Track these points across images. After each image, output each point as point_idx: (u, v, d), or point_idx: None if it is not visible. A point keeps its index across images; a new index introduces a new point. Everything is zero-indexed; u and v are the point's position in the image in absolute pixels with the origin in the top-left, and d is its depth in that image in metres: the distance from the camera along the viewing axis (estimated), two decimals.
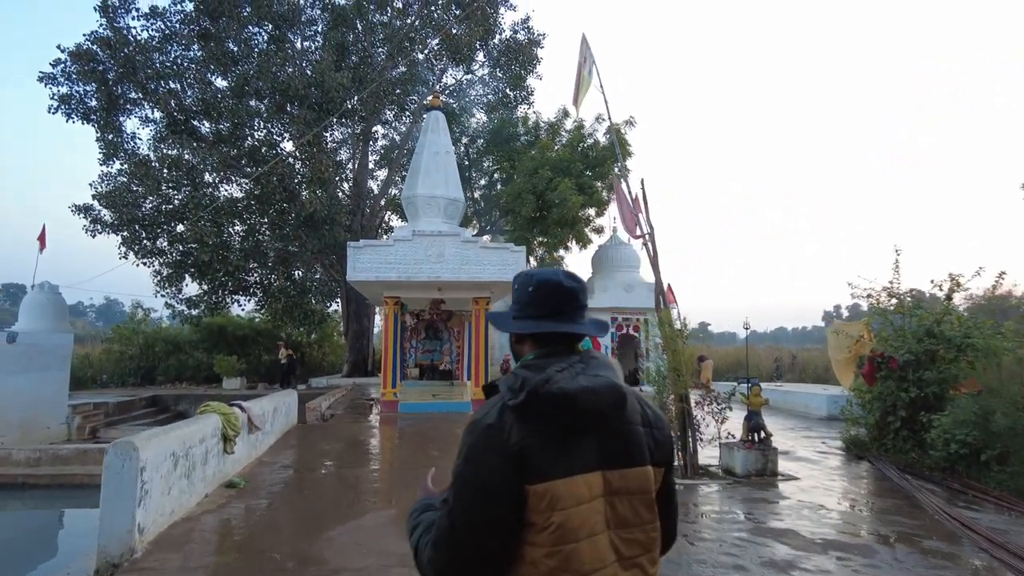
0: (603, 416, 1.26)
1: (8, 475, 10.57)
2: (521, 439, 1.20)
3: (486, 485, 1.20)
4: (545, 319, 1.38)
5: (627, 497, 1.28)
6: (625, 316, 19.47)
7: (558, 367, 1.27)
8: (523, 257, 13.08)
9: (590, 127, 20.49)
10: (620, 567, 1.26)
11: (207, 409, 6.91)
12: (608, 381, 1.28)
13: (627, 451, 1.29)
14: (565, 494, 1.20)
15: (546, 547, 1.20)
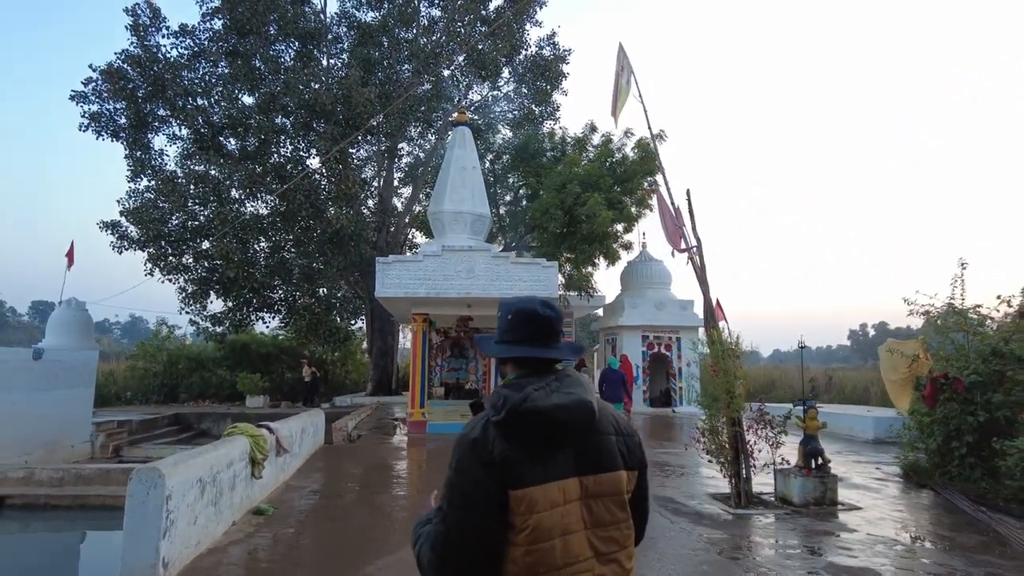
0: (576, 428, 1.45)
1: (31, 495, 10.33)
2: (503, 451, 1.38)
3: (473, 492, 1.38)
4: (522, 344, 1.56)
5: (602, 499, 1.46)
6: (656, 334, 18.95)
7: (535, 386, 1.45)
8: (555, 273, 12.69)
9: (618, 141, 20.14)
10: (598, 562, 1.43)
11: (234, 431, 6.58)
12: (578, 397, 1.45)
13: (601, 459, 1.48)
14: (541, 499, 1.37)
15: (524, 546, 1.37)
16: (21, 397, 12.49)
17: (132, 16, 17.49)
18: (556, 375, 1.52)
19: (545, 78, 23.05)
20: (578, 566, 1.40)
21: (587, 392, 1.49)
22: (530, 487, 1.38)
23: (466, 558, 1.39)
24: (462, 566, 1.40)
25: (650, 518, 1.69)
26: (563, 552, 1.39)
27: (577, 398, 1.45)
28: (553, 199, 17.74)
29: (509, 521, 1.38)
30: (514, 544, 1.38)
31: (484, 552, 1.39)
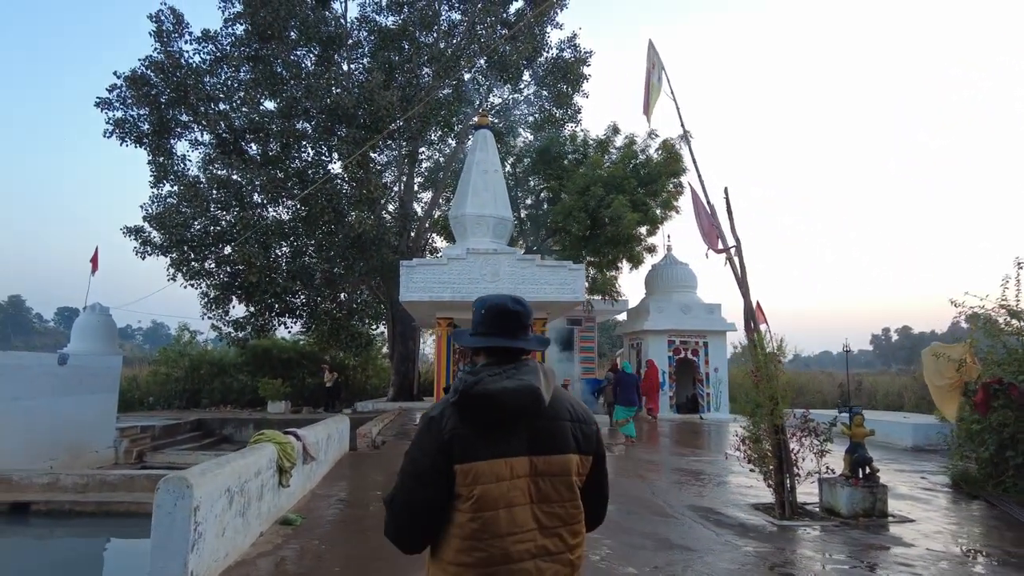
0: (523, 412, 1.57)
1: (55, 501, 10.23)
2: (452, 429, 1.56)
3: (422, 464, 1.58)
4: (491, 336, 1.70)
5: (549, 478, 1.60)
6: (683, 339, 18.56)
7: (491, 372, 1.61)
8: (582, 275, 12.42)
9: (642, 143, 19.84)
10: (540, 534, 1.57)
11: (261, 438, 6.38)
12: (527, 384, 1.58)
13: (553, 441, 1.61)
14: (486, 472, 1.54)
15: (469, 513, 1.54)
16: (46, 402, 12.46)
17: (156, 22, 17.56)
18: (515, 364, 1.67)
19: (566, 80, 22.83)
20: (521, 535, 1.55)
21: (538, 379, 1.61)
22: (475, 462, 1.54)
23: (413, 520, 1.60)
24: (411, 527, 1.61)
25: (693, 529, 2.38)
26: (507, 521, 1.54)
27: (526, 384, 1.59)
28: (576, 202, 17.49)
29: (456, 492, 1.56)
30: (459, 511, 1.56)
31: (429, 516, 1.59)
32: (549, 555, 1.59)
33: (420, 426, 1.67)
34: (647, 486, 8.53)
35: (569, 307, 14.00)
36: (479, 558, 1.54)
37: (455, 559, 1.57)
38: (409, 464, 1.63)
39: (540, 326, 12.82)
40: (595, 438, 1.73)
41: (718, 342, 18.77)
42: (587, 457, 1.69)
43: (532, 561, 1.57)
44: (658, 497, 7.87)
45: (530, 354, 1.77)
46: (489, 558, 1.54)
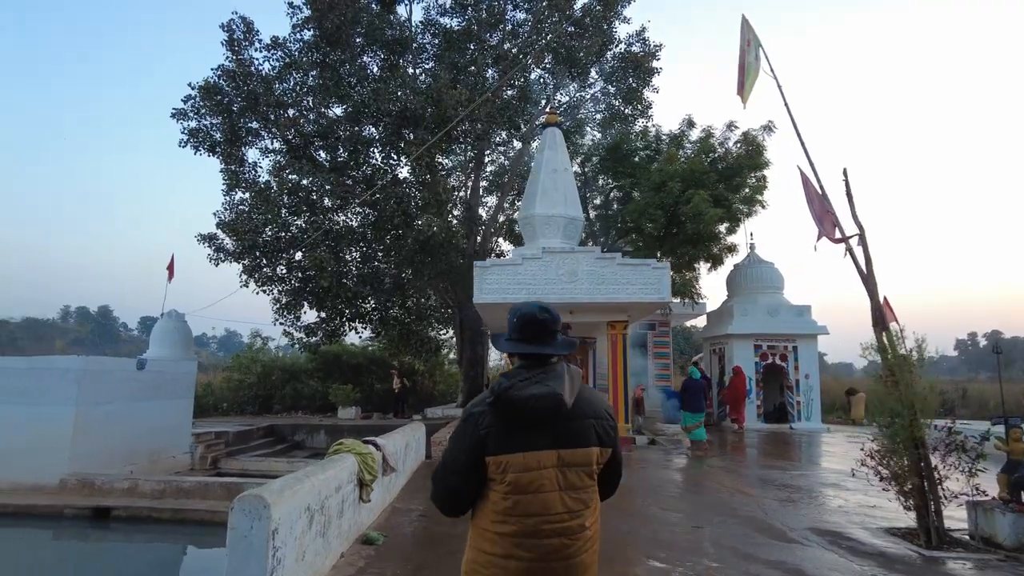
0: (547, 414, 1.89)
1: (134, 507, 10.16)
2: (486, 427, 1.90)
3: (459, 454, 1.94)
4: (523, 342, 2.03)
5: (574, 468, 1.93)
6: (770, 343, 17.31)
7: (522, 378, 1.93)
8: (667, 273, 11.55)
9: (720, 135, 18.75)
10: (566, 516, 1.90)
11: (341, 448, 5.88)
12: (551, 390, 1.89)
13: (576, 437, 1.94)
14: (516, 463, 1.87)
15: (503, 494, 1.89)
16: (126, 407, 12.53)
17: (227, 31, 17.76)
18: (544, 369, 1.97)
19: (636, 75, 21.95)
20: (549, 517, 1.89)
21: (562, 385, 1.91)
22: (505, 455, 1.88)
23: (449, 495, 2.00)
24: (448, 500, 2.01)
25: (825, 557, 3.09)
26: (538, 505, 1.88)
27: (551, 391, 1.89)
28: (652, 199, 16.60)
29: (490, 476, 1.91)
30: (494, 491, 1.91)
31: (462, 494, 1.98)
32: (573, 533, 1.90)
33: (461, 418, 2.00)
34: (755, 504, 7.63)
35: (653, 308, 13.15)
36: (512, 530, 1.88)
37: (492, 528, 1.92)
38: (448, 451, 2.00)
39: (621, 329, 12.02)
40: (613, 432, 2.05)
41: (808, 346, 17.43)
42: (607, 449, 2.01)
43: (558, 538, 1.88)
44: (773, 517, 6.97)
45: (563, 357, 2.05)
46: (522, 531, 1.87)
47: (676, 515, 6.96)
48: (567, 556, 1.89)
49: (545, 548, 1.87)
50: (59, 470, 10.98)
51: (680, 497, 8.04)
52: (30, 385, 11.37)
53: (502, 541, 1.89)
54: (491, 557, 1.92)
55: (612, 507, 7.20)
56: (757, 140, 17.78)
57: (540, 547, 1.86)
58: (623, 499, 7.64)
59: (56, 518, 10.25)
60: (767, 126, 17.78)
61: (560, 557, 1.89)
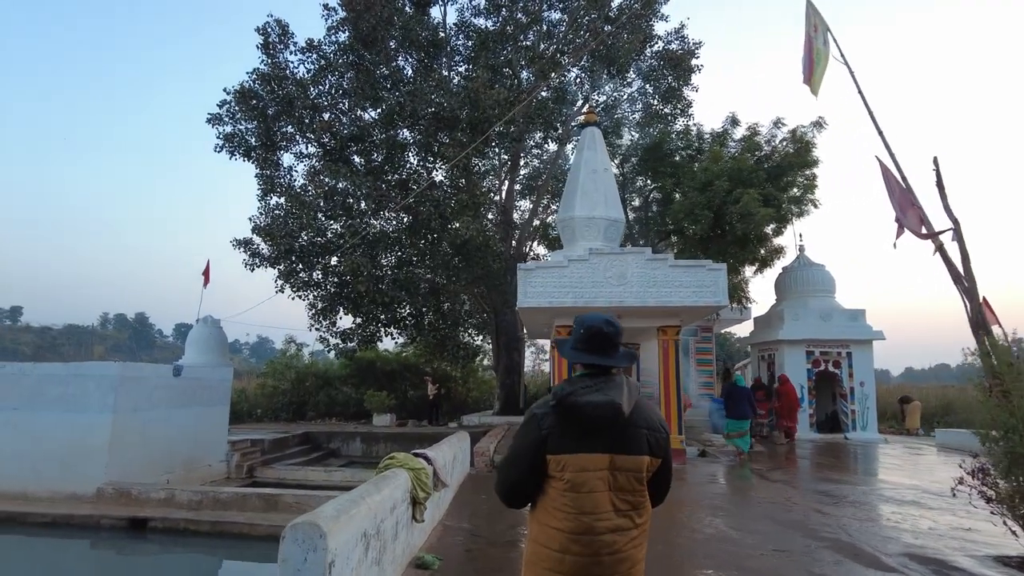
0: (604, 421, 2.04)
1: (171, 519, 9.84)
2: (547, 428, 2.07)
3: (522, 449, 2.13)
4: (588, 352, 2.19)
5: (624, 472, 2.06)
6: (823, 349, 16.48)
7: (583, 385, 2.09)
8: (723, 275, 10.92)
9: (767, 133, 17.99)
10: (616, 515, 2.05)
11: (392, 463, 5.42)
12: (610, 399, 2.04)
13: (628, 444, 2.07)
14: (573, 463, 2.03)
15: (560, 489, 2.06)
16: (162, 414, 12.29)
17: (262, 35, 17.65)
18: (605, 378, 2.13)
19: (676, 74, 21.32)
20: (601, 515, 2.04)
21: (620, 395, 2.06)
22: (564, 454, 2.05)
23: (512, 488, 2.19)
24: (510, 492, 2.20)
25: None
26: (591, 503, 2.04)
27: (609, 399, 2.04)
28: (698, 199, 15.93)
29: (549, 473, 2.08)
30: (553, 487, 2.08)
31: (524, 487, 2.16)
32: (622, 530, 2.07)
33: (525, 418, 2.19)
34: (834, 524, 6.96)
35: (706, 313, 12.51)
36: (568, 526, 2.06)
37: (549, 522, 2.11)
38: (512, 447, 2.22)
39: (673, 334, 11.40)
40: (665, 444, 2.20)
41: (863, 352, 16.55)
42: (657, 459, 2.16)
43: (610, 535, 2.05)
44: (860, 540, 6.31)
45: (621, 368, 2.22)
46: (577, 527, 2.05)
47: (754, 537, 6.34)
48: (616, 551, 2.06)
49: (597, 544, 2.04)
50: (96, 479, 10.76)
51: (753, 516, 7.41)
52: (67, 391, 11.20)
53: (558, 536, 2.07)
54: (548, 551, 2.10)
55: (684, 527, 6.63)
56: (806, 137, 17.01)
57: (592, 543, 2.04)
58: (693, 518, 7.05)
59: (93, 528, 10.01)
60: (817, 122, 17.02)
61: (610, 552, 2.05)
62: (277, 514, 9.91)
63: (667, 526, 6.67)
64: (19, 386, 11.27)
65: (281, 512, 9.95)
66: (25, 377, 11.37)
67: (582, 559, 2.04)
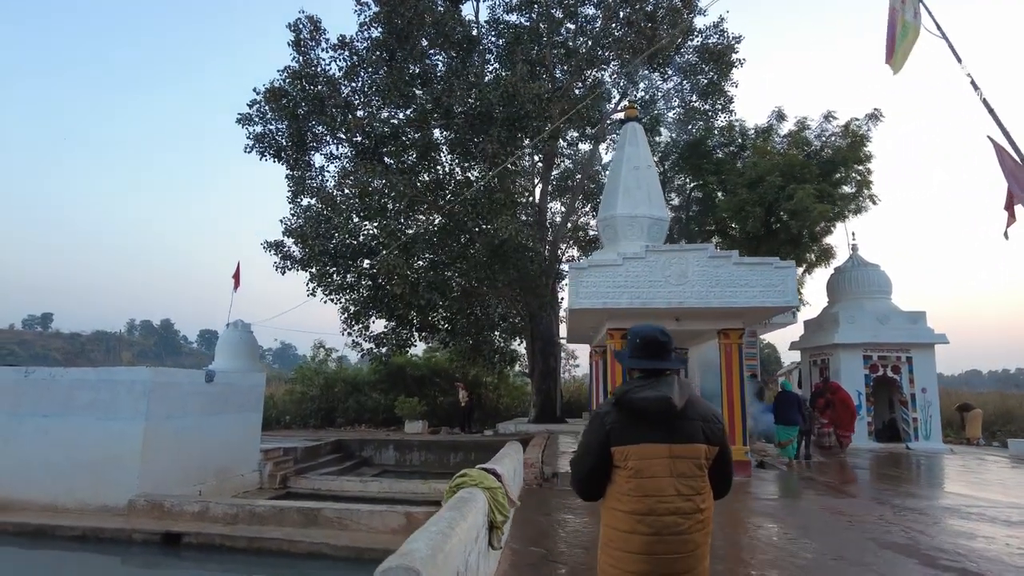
0: (659, 414, 2.32)
1: (205, 534, 9.27)
2: (610, 423, 2.37)
3: (590, 444, 2.41)
4: (644, 359, 2.50)
5: (683, 459, 2.31)
6: (881, 354, 15.56)
7: (639, 385, 2.40)
8: (792, 275, 10.14)
9: (816, 127, 17.17)
10: (677, 499, 2.28)
11: (466, 481, 4.76)
12: (663, 395, 2.32)
13: (684, 434, 2.33)
14: (635, 453, 2.31)
15: (626, 476, 2.32)
16: (195, 422, 11.78)
17: (294, 31, 17.22)
18: (659, 379, 2.41)
19: (716, 69, 20.56)
20: (663, 498, 2.28)
21: (672, 391, 2.33)
22: (627, 445, 2.32)
23: (585, 480, 2.46)
24: (584, 484, 2.46)
25: None
26: (654, 488, 2.28)
27: (662, 395, 2.32)
28: (748, 196, 15.16)
29: (615, 464, 2.36)
30: (620, 476, 2.35)
31: (596, 478, 2.42)
32: (684, 513, 2.29)
33: (590, 418, 2.50)
34: (953, 552, 6.15)
35: (771, 314, 11.76)
36: (634, 507, 2.30)
37: (617, 507, 2.36)
38: (582, 443, 2.48)
39: (736, 338, 10.62)
40: (720, 432, 2.42)
41: (924, 357, 15.60)
42: (713, 447, 2.37)
43: (671, 516, 2.27)
44: (990, 568, 5.51)
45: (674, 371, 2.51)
46: (641, 508, 2.29)
47: (865, 572, 5.57)
48: (680, 532, 2.28)
49: (660, 524, 2.28)
50: (128, 490, 10.25)
51: (853, 542, 6.63)
52: (99, 398, 10.72)
53: (626, 518, 2.33)
54: (618, 532, 2.36)
55: (791, 564, 5.86)
56: (860, 131, 16.15)
57: (657, 523, 2.28)
58: (789, 550, 6.29)
59: (125, 543, 9.49)
60: (873, 115, 16.15)
61: (674, 532, 2.28)
62: (318, 529, 9.32)
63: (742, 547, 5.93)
64: (50, 392, 10.84)
65: (322, 527, 9.36)
66: (55, 383, 10.93)
67: (648, 538, 2.28)
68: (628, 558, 2.31)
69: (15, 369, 11.56)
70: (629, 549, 2.30)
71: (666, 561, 2.26)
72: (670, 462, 2.30)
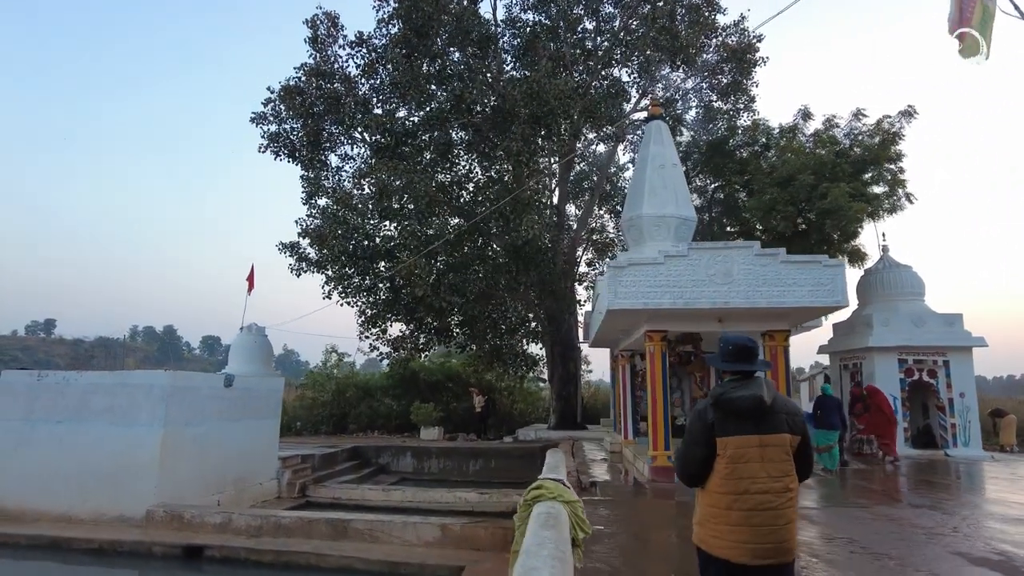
0: (752, 410, 2.83)
1: (229, 547, 8.79)
2: (711, 417, 2.89)
3: (697, 437, 2.92)
4: (736, 363, 3.02)
5: (772, 447, 2.82)
6: (916, 357, 15.05)
7: (733, 386, 2.94)
8: (842, 274, 9.69)
9: (846, 125, 16.72)
10: (767, 480, 2.79)
11: (544, 494, 4.31)
12: (754, 393, 2.85)
13: (771, 426, 2.85)
14: (732, 443, 2.82)
15: (724, 463, 2.83)
16: (213, 428, 11.31)
17: (311, 28, 16.84)
18: (750, 379, 2.96)
19: (737, 68, 20.16)
20: (755, 480, 2.79)
21: (762, 390, 2.86)
22: (726, 436, 2.84)
23: (691, 467, 2.97)
24: (689, 471, 2.98)
25: None
26: (747, 472, 2.80)
27: (752, 394, 2.85)
28: (779, 195, 14.72)
29: (717, 452, 2.86)
30: (719, 463, 2.86)
31: (701, 465, 2.92)
32: (775, 491, 2.80)
33: (692, 415, 3.02)
34: None
35: (818, 315, 11.31)
36: (731, 488, 2.81)
37: (717, 489, 2.87)
38: (687, 436, 3.01)
39: (782, 340, 10.16)
40: (802, 424, 2.94)
41: (962, 361, 15.08)
42: (796, 436, 2.89)
43: (763, 495, 2.78)
44: None
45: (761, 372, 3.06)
46: (737, 488, 2.80)
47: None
48: (771, 508, 2.79)
49: (754, 502, 2.79)
50: (145, 500, 9.80)
51: (940, 558, 6.14)
52: (115, 403, 10.28)
53: (724, 498, 2.83)
54: (718, 510, 2.87)
55: None
56: (893, 129, 15.72)
57: (751, 501, 2.79)
58: (873, 568, 5.80)
59: (143, 556, 9.02)
60: (907, 111, 15.71)
61: (765, 508, 2.79)
62: (348, 542, 8.85)
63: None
64: (63, 397, 10.39)
65: (352, 540, 8.89)
66: (69, 387, 10.48)
67: (743, 513, 2.79)
68: (729, 530, 2.83)
69: (28, 373, 11.14)
70: (729, 523, 2.83)
71: (762, 531, 2.79)
72: (760, 450, 2.82)
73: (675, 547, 6.47)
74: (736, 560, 2.78)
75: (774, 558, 2.77)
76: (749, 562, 2.76)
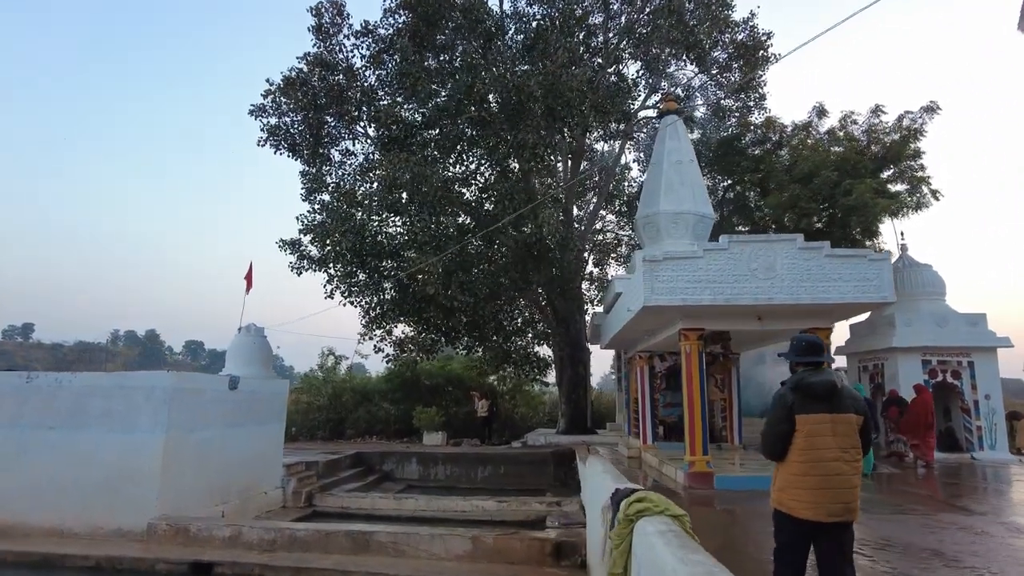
0: (826, 393, 3.51)
1: (241, 564, 8.07)
2: (791, 399, 3.58)
3: (780, 416, 3.61)
4: (809, 356, 3.74)
5: (841, 424, 3.48)
6: (940, 358, 14.69)
7: (808, 374, 3.65)
8: (888, 268, 9.25)
9: (864, 122, 16.37)
10: (838, 451, 3.44)
11: (650, 508, 3.72)
12: (829, 379, 3.56)
13: (841, 406, 3.52)
14: (808, 420, 3.49)
15: (801, 438, 3.50)
16: (217, 434, 10.58)
17: (316, 16, 16.17)
18: (821, 369, 3.69)
19: (748, 65, 19.81)
20: (827, 451, 3.43)
21: (833, 377, 3.57)
22: (804, 414, 3.49)
23: (776, 441, 3.60)
24: (774, 446, 3.61)
25: None
26: (822, 445, 3.44)
27: (827, 379, 3.56)
28: (801, 191, 14.31)
29: (796, 428, 3.50)
30: (797, 439, 3.51)
31: (783, 440, 3.57)
32: (843, 461, 3.44)
33: (775, 399, 3.70)
34: None
35: (860, 312, 10.84)
36: (807, 457, 3.45)
37: (795, 459, 3.50)
38: (771, 417, 3.66)
39: (825, 337, 9.66)
40: (864, 407, 3.66)
41: (987, 361, 14.76)
42: (860, 416, 3.57)
43: (835, 463, 3.41)
44: None
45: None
46: (812, 457, 3.44)
47: None
48: (839, 474, 3.42)
49: (827, 469, 3.42)
50: (146, 512, 9.07)
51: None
52: (113, 407, 9.53)
53: (801, 466, 3.47)
54: (797, 477, 3.49)
55: None
56: (915, 125, 15.39)
57: (824, 468, 3.42)
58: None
59: (146, 574, 8.28)
60: (929, 107, 15.39)
61: (835, 474, 3.41)
62: (371, 556, 8.18)
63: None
64: (56, 401, 9.61)
65: (375, 554, 8.22)
66: (62, 390, 9.70)
67: (817, 478, 3.43)
68: (807, 494, 3.43)
69: (16, 374, 10.34)
70: (806, 487, 3.44)
71: (834, 493, 3.40)
72: (832, 426, 3.47)
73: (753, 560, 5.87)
74: (814, 519, 3.39)
75: (842, 516, 3.42)
76: (825, 519, 3.38)
